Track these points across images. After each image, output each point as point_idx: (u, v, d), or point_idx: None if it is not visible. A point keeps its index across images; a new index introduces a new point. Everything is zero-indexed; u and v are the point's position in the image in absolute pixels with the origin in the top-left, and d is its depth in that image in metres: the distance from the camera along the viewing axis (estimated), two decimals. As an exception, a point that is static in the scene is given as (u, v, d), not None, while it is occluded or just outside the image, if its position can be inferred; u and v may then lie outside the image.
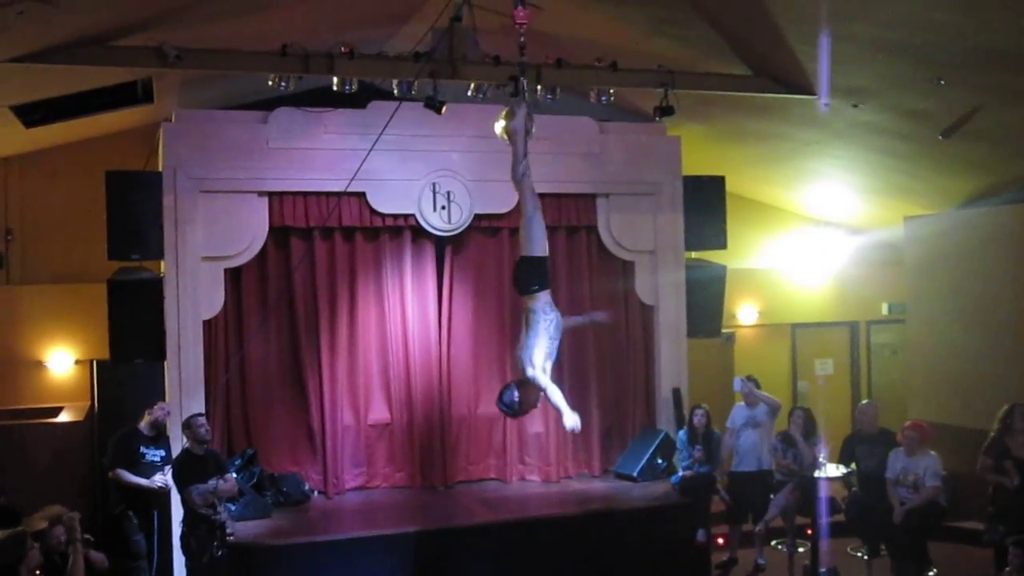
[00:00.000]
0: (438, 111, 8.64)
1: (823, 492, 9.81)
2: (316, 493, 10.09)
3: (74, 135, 10.71)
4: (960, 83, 8.51)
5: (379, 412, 10.52)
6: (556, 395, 6.87)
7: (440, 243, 10.63)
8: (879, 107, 9.52)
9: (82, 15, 7.24)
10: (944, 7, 7.20)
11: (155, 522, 8.94)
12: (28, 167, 11.35)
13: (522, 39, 7.32)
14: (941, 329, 11.73)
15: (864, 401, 10.96)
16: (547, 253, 7.26)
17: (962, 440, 9.62)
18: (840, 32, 7.89)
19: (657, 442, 10.64)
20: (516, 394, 6.93)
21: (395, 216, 10.30)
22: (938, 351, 11.76)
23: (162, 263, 9.60)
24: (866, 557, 9.84)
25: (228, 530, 8.17)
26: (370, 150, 8.79)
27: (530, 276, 7.04)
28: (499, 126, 7.36)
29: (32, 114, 9.32)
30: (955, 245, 11.59)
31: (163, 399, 9.33)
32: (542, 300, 6.98)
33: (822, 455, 9.90)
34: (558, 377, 10.64)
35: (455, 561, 8.85)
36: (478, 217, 10.48)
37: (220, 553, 7.95)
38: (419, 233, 10.50)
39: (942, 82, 8.45)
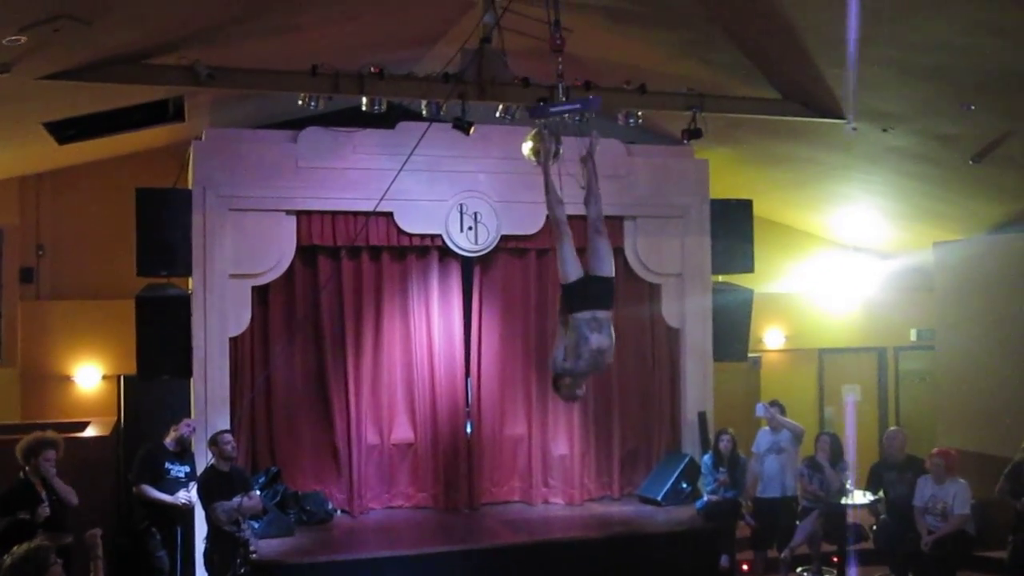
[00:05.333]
0: (466, 132, 8.64)
1: (850, 519, 9.72)
2: (339, 512, 10.10)
3: (106, 152, 10.82)
4: (991, 108, 8.45)
5: (403, 432, 10.52)
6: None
7: (467, 264, 10.64)
8: (909, 132, 9.46)
9: (116, 34, 7.31)
10: (975, 31, 7.16)
11: (178, 538, 8.96)
12: (60, 184, 11.49)
13: (560, 66, 7.33)
14: (971, 356, 11.58)
15: (892, 428, 10.85)
16: (567, 281, 7.16)
17: (992, 469, 9.47)
18: (870, 56, 7.85)
19: (682, 466, 10.58)
20: None
21: (422, 236, 10.33)
22: (968, 378, 11.60)
23: (190, 280, 9.66)
24: (893, 586, 9.72)
25: (251, 547, 8.17)
26: (399, 171, 8.81)
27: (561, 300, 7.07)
28: (526, 147, 7.35)
29: (65, 131, 9.42)
30: (985, 271, 11.46)
31: (189, 415, 9.38)
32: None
33: (849, 482, 9.80)
34: (583, 398, 10.72)
35: (477, 583, 8.82)
36: (505, 238, 10.49)
37: (243, 570, 7.96)
38: (446, 253, 10.52)
39: (972, 107, 8.40)
